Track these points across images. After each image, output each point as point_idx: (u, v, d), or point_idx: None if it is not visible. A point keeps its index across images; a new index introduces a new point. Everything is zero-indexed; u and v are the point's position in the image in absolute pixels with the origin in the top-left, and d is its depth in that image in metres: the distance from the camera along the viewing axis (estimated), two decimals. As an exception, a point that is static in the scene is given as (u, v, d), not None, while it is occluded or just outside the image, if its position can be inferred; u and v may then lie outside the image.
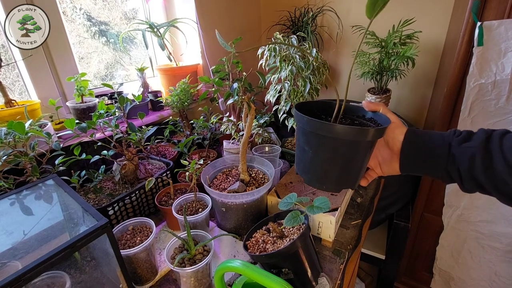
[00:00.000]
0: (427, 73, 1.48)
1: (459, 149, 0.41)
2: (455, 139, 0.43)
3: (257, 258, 0.60)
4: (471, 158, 0.40)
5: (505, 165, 0.37)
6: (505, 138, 0.40)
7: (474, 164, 0.40)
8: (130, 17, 1.32)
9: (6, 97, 0.85)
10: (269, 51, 0.94)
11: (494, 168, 0.38)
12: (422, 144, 0.45)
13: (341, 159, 0.44)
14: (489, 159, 0.39)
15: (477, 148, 0.40)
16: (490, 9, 0.91)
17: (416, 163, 0.46)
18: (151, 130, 0.89)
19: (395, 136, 0.47)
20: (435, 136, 0.45)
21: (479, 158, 0.39)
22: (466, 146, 0.41)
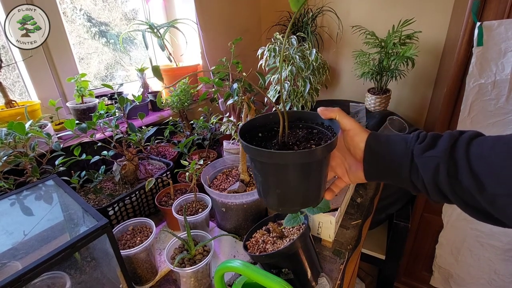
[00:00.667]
0: (427, 73, 1.48)
1: (422, 158, 0.36)
2: (417, 146, 0.38)
3: (257, 258, 0.61)
4: (435, 169, 0.35)
5: (471, 177, 0.32)
6: (472, 144, 0.34)
7: (438, 176, 0.35)
8: (130, 17, 1.32)
9: (6, 97, 0.85)
10: (269, 51, 0.94)
11: (460, 180, 0.33)
12: (383, 151, 0.41)
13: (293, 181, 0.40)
14: (454, 170, 0.34)
15: (440, 157, 0.35)
16: (489, 9, 0.91)
17: (379, 171, 0.42)
18: (151, 130, 0.89)
19: (356, 144, 0.42)
20: (397, 142, 0.40)
21: (443, 169, 0.34)
22: (429, 156, 0.36)
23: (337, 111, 0.43)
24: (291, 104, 1.00)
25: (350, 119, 0.43)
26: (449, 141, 0.35)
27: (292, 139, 0.43)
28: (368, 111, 1.44)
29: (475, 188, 0.32)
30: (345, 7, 1.56)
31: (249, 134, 0.45)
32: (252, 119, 0.47)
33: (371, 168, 0.42)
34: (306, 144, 0.41)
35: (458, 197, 0.35)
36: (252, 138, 0.44)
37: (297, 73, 0.94)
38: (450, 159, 0.34)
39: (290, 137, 0.43)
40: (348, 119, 0.43)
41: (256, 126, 0.46)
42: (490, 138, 0.34)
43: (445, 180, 0.34)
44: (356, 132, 0.43)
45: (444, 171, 0.34)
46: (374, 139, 0.41)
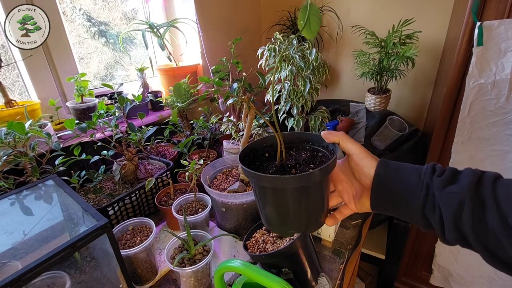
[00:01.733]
0: (427, 73, 1.48)
1: (443, 193, 0.34)
2: (436, 179, 0.35)
3: (257, 258, 0.61)
4: (458, 206, 0.32)
5: (499, 218, 0.30)
6: (498, 184, 0.32)
7: (462, 214, 0.32)
8: (130, 17, 1.32)
9: (6, 97, 0.85)
10: (269, 51, 0.94)
11: (486, 222, 0.31)
12: (394, 181, 0.38)
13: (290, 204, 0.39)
14: (480, 210, 0.32)
15: (465, 193, 0.32)
16: (489, 9, 0.91)
17: (387, 202, 0.39)
18: (151, 130, 0.89)
19: (361, 170, 0.40)
20: (410, 172, 0.38)
21: (468, 207, 0.32)
22: (451, 191, 0.33)
23: (341, 135, 0.41)
24: (291, 104, 1.00)
25: (355, 144, 0.41)
26: (473, 177, 0.33)
27: (294, 161, 0.42)
28: (368, 111, 1.44)
29: (503, 231, 0.30)
30: (345, 6, 1.56)
31: (256, 153, 0.46)
32: (262, 138, 0.47)
33: (379, 198, 0.39)
34: (305, 167, 0.40)
35: (479, 240, 0.32)
36: (257, 158, 0.45)
37: (297, 72, 0.94)
38: (476, 197, 0.32)
39: (292, 159, 0.43)
40: (353, 143, 0.41)
41: (264, 146, 0.46)
42: None
43: (469, 219, 0.32)
44: (362, 157, 0.40)
45: (469, 209, 0.32)
46: (384, 167, 0.39)
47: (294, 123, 1.02)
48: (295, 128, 1.03)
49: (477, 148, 1.04)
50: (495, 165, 1.03)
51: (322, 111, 1.06)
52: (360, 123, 1.35)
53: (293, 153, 0.44)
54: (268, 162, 0.43)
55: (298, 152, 0.45)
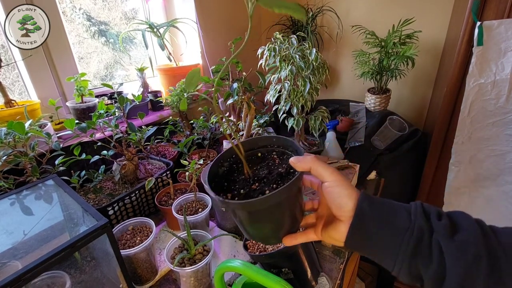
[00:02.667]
0: (427, 73, 1.48)
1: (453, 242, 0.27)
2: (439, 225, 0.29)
3: (257, 258, 0.61)
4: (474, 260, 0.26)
5: None
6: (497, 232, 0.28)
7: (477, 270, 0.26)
8: (130, 17, 1.32)
9: (6, 97, 0.85)
10: (269, 51, 0.94)
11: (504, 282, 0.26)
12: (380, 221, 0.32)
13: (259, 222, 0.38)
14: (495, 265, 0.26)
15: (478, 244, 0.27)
16: (490, 9, 0.91)
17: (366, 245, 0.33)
18: (151, 130, 0.89)
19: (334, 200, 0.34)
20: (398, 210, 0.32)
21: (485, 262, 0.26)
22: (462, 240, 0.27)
23: (311, 161, 0.34)
24: (291, 104, 1.00)
25: (329, 169, 0.34)
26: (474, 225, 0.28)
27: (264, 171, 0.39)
28: (368, 110, 1.44)
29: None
30: (345, 6, 1.56)
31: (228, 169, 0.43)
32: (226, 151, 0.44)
33: (357, 236, 0.33)
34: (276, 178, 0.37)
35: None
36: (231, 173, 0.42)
37: (297, 72, 0.94)
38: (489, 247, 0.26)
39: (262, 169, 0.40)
40: (326, 169, 0.34)
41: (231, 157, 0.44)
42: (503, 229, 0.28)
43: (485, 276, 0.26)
44: (336, 184, 0.34)
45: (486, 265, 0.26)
46: (368, 201, 0.33)
47: (294, 123, 1.02)
48: (295, 127, 1.03)
49: (477, 148, 1.04)
50: (495, 165, 1.03)
51: (322, 111, 1.07)
52: (360, 123, 1.35)
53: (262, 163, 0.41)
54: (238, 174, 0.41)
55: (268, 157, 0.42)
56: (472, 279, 0.26)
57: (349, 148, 1.25)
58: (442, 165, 1.17)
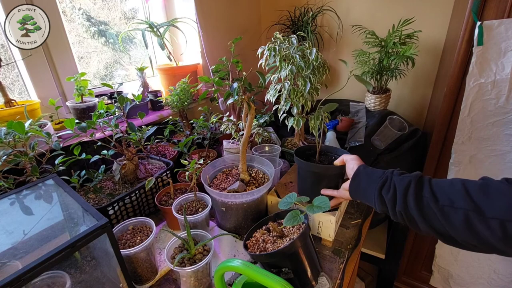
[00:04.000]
0: (427, 72, 1.48)
1: (399, 177, 0.53)
2: (396, 172, 0.55)
3: (257, 257, 0.61)
4: (407, 184, 0.51)
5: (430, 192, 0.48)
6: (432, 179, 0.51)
7: (408, 189, 0.50)
8: (129, 16, 1.32)
9: (5, 97, 0.85)
10: (269, 50, 0.94)
11: (423, 195, 0.49)
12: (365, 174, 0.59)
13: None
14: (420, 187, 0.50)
15: (412, 178, 0.51)
16: (490, 9, 0.91)
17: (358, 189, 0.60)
18: (151, 130, 0.89)
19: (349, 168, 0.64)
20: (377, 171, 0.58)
21: (413, 185, 0.50)
22: (405, 176, 0.53)
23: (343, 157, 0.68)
24: (291, 104, 1.00)
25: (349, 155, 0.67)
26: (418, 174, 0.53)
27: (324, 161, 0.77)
28: (368, 110, 1.44)
29: (432, 199, 0.48)
30: (345, 6, 1.56)
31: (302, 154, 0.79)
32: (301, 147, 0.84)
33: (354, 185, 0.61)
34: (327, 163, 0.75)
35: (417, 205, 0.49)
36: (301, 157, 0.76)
37: (297, 72, 0.94)
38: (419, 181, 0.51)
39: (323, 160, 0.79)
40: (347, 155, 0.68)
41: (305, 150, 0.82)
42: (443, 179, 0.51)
43: (413, 193, 0.50)
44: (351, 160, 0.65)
45: (413, 187, 0.50)
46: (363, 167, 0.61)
47: (294, 123, 1.02)
48: (295, 127, 1.03)
49: (477, 148, 1.04)
50: (495, 165, 1.03)
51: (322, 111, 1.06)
52: (360, 122, 1.35)
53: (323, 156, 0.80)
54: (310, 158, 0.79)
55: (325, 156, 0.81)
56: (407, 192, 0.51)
57: (349, 148, 1.25)
58: (442, 165, 1.17)
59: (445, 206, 0.46)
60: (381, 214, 1.35)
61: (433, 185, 0.49)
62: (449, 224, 0.45)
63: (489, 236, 0.42)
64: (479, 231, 0.43)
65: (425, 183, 0.50)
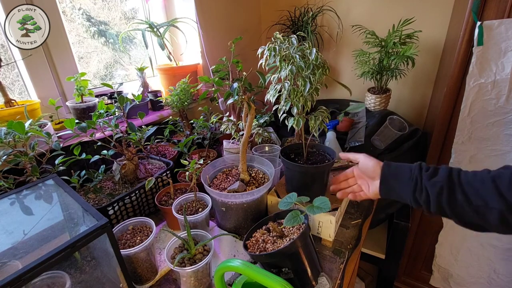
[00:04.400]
0: (427, 72, 1.48)
1: (429, 182, 0.53)
2: (425, 174, 0.55)
3: (257, 257, 0.61)
4: (440, 189, 0.52)
5: (463, 194, 0.50)
6: (461, 174, 0.52)
7: (442, 195, 0.51)
8: (129, 16, 1.32)
9: (5, 96, 0.85)
10: (269, 50, 0.94)
11: (456, 197, 0.50)
12: (394, 177, 0.59)
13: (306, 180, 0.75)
14: (452, 190, 0.51)
15: (443, 182, 0.52)
16: (490, 9, 0.91)
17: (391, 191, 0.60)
18: (151, 130, 0.89)
19: (368, 167, 0.64)
20: (404, 170, 0.58)
21: (445, 190, 0.51)
22: (435, 181, 0.53)
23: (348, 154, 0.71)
24: (291, 104, 1.00)
25: (360, 154, 0.67)
26: (446, 171, 0.53)
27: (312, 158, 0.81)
28: (368, 110, 1.44)
29: (465, 201, 0.49)
30: (345, 6, 1.56)
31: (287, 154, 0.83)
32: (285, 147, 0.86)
33: (385, 188, 0.61)
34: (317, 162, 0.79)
35: (452, 210, 0.51)
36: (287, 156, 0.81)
37: (297, 72, 0.94)
38: (450, 184, 0.51)
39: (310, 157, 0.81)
40: (358, 154, 0.67)
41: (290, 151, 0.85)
42: (470, 171, 0.52)
43: (446, 197, 0.51)
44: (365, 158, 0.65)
45: (446, 191, 0.51)
46: (387, 167, 0.61)
47: (294, 123, 1.01)
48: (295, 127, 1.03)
49: (477, 148, 1.04)
50: (495, 165, 1.03)
51: (322, 111, 1.06)
52: (360, 122, 1.35)
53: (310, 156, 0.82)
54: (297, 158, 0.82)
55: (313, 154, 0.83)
56: (440, 197, 0.52)
57: (349, 148, 1.24)
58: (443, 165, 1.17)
59: (479, 207, 0.47)
60: (381, 214, 1.35)
61: (464, 185, 0.50)
62: (484, 222, 0.48)
63: None
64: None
65: (456, 186, 0.50)
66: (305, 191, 0.72)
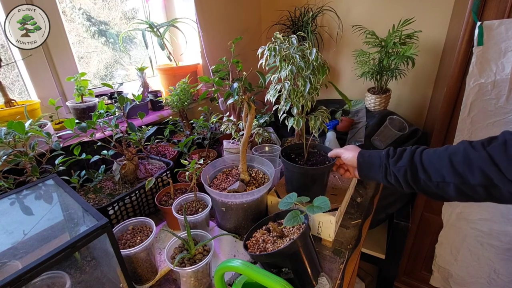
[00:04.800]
0: (427, 72, 1.48)
1: (395, 167, 0.60)
2: (391, 160, 0.61)
3: (257, 257, 0.61)
4: (404, 172, 0.59)
5: (424, 172, 0.56)
6: (423, 153, 0.58)
7: (407, 176, 0.58)
8: (130, 16, 1.32)
9: (6, 96, 0.85)
10: (269, 50, 0.94)
11: (419, 176, 0.57)
12: (367, 165, 0.67)
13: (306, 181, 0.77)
14: (415, 172, 0.57)
15: (406, 165, 0.58)
16: (490, 9, 0.91)
17: (367, 176, 0.69)
18: (151, 130, 0.89)
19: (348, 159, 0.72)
20: (375, 157, 0.66)
21: (409, 172, 0.58)
22: (400, 165, 0.60)
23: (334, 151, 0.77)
24: (291, 104, 1.00)
25: (340, 148, 0.75)
26: (410, 153, 0.60)
27: (312, 159, 0.82)
28: (368, 110, 1.44)
29: (427, 178, 0.56)
30: (345, 6, 1.56)
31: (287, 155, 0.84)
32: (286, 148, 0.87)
33: (362, 174, 0.70)
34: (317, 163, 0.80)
35: (418, 186, 0.58)
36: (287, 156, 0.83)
37: (297, 72, 0.94)
38: (412, 165, 0.58)
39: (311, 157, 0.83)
40: (339, 149, 0.75)
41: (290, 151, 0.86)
42: (431, 149, 0.58)
43: (411, 177, 0.58)
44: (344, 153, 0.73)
45: (410, 173, 0.58)
46: (361, 157, 0.69)
47: (294, 123, 1.01)
48: (295, 127, 1.03)
49: (477, 148, 1.04)
50: (495, 165, 1.03)
51: (322, 111, 1.06)
52: (360, 122, 1.35)
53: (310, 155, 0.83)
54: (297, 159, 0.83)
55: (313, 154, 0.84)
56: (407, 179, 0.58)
57: (349, 148, 1.24)
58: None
59: (439, 182, 0.54)
60: (381, 214, 1.36)
61: (424, 164, 0.56)
62: (444, 193, 0.55)
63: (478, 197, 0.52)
64: (469, 195, 0.52)
65: (418, 166, 0.57)
66: (305, 191, 0.72)
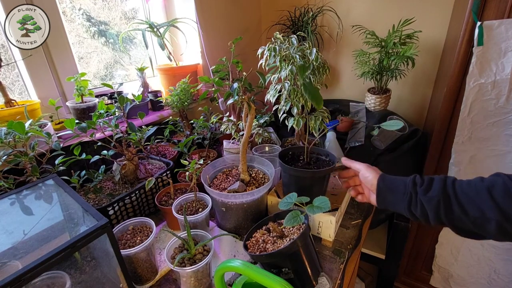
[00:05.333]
0: (427, 73, 1.48)
1: (425, 197, 0.54)
2: (420, 190, 0.55)
3: (257, 257, 0.60)
4: (437, 204, 0.52)
5: (459, 206, 0.50)
6: (456, 184, 0.52)
7: (439, 209, 0.52)
8: (130, 17, 1.32)
9: (6, 97, 0.85)
10: (269, 51, 0.94)
11: (453, 209, 0.51)
12: (389, 191, 0.60)
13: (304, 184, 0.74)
14: (448, 203, 0.52)
15: (439, 196, 0.52)
16: (490, 9, 0.91)
17: (386, 204, 0.62)
18: (151, 130, 0.89)
19: (367, 180, 0.64)
20: (399, 184, 0.59)
21: (442, 204, 0.52)
22: (430, 196, 0.53)
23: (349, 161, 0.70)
24: (291, 104, 1.00)
25: (359, 164, 0.67)
26: (441, 183, 0.54)
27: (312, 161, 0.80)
28: (368, 110, 1.44)
29: (462, 213, 0.50)
30: (345, 6, 1.56)
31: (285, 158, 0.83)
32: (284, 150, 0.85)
33: (381, 200, 0.62)
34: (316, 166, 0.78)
35: (450, 221, 0.52)
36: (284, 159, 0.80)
37: (297, 72, 0.94)
38: (445, 197, 0.52)
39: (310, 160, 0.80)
40: (358, 163, 0.68)
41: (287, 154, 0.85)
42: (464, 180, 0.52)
43: (444, 211, 0.52)
44: (364, 170, 0.65)
45: (443, 205, 0.52)
46: (382, 181, 0.62)
47: (294, 123, 1.01)
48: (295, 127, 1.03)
49: (477, 148, 1.04)
50: (495, 165, 1.03)
51: (322, 111, 1.06)
52: (360, 123, 1.35)
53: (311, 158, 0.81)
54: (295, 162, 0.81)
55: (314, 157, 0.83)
56: (438, 212, 0.52)
57: (349, 148, 1.24)
58: (442, 165, 1.17)
59: (477, 218, 0.48)
60: (381, 214, 1.35)
61: (459, 197, 0.50)
62: (483, 231, 0.49)
63: None
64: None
65: (452, 199, 0.51)
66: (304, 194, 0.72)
